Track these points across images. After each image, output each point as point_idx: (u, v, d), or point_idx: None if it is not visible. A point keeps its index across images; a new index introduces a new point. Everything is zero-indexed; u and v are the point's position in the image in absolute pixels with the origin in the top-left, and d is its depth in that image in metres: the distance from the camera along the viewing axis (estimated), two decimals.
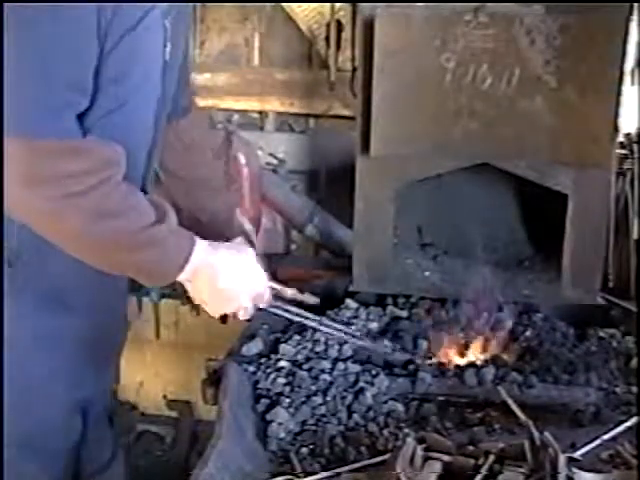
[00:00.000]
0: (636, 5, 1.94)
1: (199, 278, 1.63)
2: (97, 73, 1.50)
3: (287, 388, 1.75)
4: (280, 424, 1.65)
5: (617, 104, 1.91)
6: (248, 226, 2.02)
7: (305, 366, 1.82)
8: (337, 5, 2.62)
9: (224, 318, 1.80)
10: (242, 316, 1.72)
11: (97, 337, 1.81)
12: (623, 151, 2.22)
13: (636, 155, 2.22)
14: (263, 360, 1.83)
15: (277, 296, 1.79)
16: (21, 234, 1.59)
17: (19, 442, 1.73)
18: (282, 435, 1.63)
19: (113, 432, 2.08)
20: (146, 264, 1.57)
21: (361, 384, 1.77)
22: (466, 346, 1.95)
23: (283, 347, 1.87)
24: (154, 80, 1.65)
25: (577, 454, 1.43)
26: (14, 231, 1.59)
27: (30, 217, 1.51)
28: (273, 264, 2.68)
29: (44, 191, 1.44)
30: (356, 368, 1.82)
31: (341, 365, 1.82)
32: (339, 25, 2.65)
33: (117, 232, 1.51)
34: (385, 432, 1.63)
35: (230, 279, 1.65)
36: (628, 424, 1.60)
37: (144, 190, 1.70)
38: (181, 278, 1.62)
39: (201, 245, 1.62)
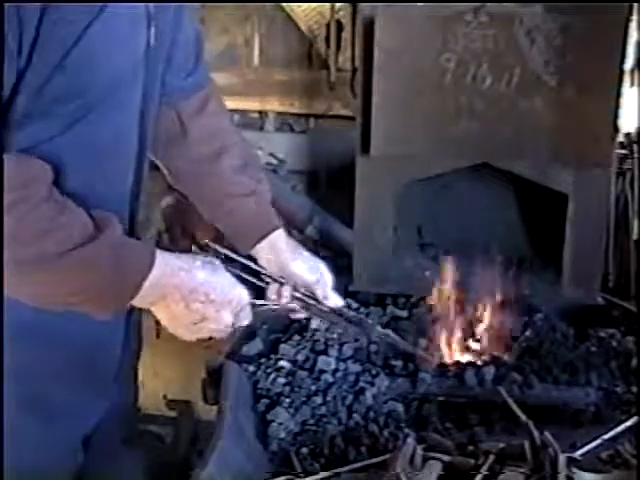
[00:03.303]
0: (636, 5, 1.95)
1: (165, 299, 1.34)
2: (41, 90, 1.24)
3: (287, 388, 1.75)
4: (280, 424, 1.65)
5: (617, 104, 1.91)
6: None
7: (305, 366, 1.82)
8: (337, 5, 2.62)
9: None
10: (218, 335, 1.44)
11: (84, 369, 1.52)
12: (623, 151, 2.23)
13: (636, 155, 2.23)
14: (263, 360, 1.83)
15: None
16: None
17: None
18: (282, 435, 1.63)
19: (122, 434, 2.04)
20: (84, 290, 1.27)
21: (361, 384, 1.77)
22: (466, 346, 1.96)
23: (283, 347, 1.87)
24: (131, 73, 1.39)
25: (577, 454, 1.43)
26: None
27: None
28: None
29: None
30: (356, 368, 1.82)
31: (341, 365, 1.82)
32: (339, 25, 2.66)
33: (36, 258, 1.21)
34: (385, 432, 1.62)
35: (203, 297, 1.36)
36: (628, 424, 1.60)
37: (134, 202, 1.50)
38: (140, 302, 1.33)
39: (164, 260, 1.32)
